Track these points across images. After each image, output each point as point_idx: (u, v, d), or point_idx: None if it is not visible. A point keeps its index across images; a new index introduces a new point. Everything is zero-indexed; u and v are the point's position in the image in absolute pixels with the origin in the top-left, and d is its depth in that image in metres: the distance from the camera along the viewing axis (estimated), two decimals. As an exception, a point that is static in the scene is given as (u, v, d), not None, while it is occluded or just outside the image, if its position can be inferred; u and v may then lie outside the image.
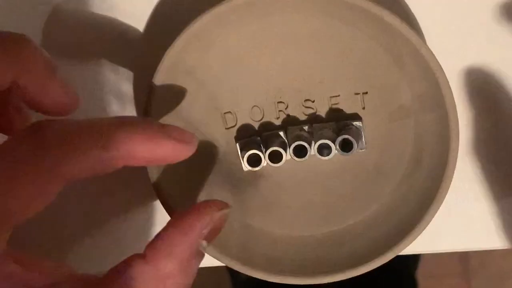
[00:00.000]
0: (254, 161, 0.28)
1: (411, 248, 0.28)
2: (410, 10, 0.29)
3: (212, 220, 0.24)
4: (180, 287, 0.23)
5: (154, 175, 0.27)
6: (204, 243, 0.24)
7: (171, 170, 0.28)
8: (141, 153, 0.22)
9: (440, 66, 0.26)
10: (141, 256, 0.22)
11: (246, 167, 0.29)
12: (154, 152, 0.23)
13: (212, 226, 0.24)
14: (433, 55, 0.26)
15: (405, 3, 0.29)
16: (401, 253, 0.28)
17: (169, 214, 0.28)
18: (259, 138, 0.29)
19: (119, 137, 0.22)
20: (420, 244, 0.28)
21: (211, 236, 0.24)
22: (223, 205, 0.24)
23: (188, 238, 0.23)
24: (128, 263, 0.22)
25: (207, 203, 0.24)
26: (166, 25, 0.30)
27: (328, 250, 0.30)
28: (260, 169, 0.29)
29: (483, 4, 0.29)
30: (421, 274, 0.74)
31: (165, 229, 0.23)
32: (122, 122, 0.22)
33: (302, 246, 0.30)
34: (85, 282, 0.22)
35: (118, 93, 0.31)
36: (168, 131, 0.23)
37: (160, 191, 0.28)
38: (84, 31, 0.30)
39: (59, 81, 0.24)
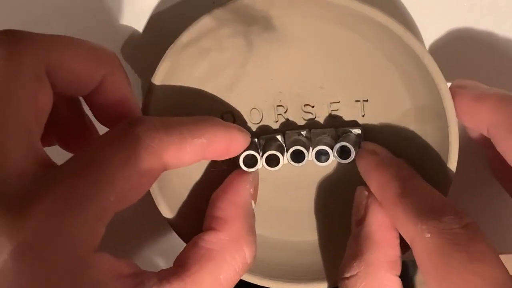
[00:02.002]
0: (250, 162, 0.28)
1: (410, 253, 0.28)
2: (410, 16, 0.29)
3: (253, 178, 0.27)
4: (253, 244, 0.25)
5: None
6: (253, 202, 0.27)
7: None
8: (220, 142, 0.25)
9: (442, 76, 0.25)
10: (208, 229, 0.25)
11: (241, 168, 0.28)
12: (229, 141, 0.25)
13: (254, 185, 0.27)
14: (436, 65, 0.25)
15: (405, 8, 0.29)
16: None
17: (162, 212, 0.28)
18: (256, 140, 0.29)
19: (205, 127, 0.24)
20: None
21: (255, 195, 0.27)
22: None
23: (243, 197, 0.26)
24: (200, 238, 0.24)
25: (239, 170, 0.28)
26: (166, 26, 0.30)
27: (324, 256, 0.29)
28: (257, 171, 0.29)
29: (483, 11, 0.29)
30: (419, 280, 0.73)
31: (216, 199, 0.26)
32: (201, 117, 0.25)
33: (296, 251, 0.30)
34: (162, 270, 0.23)
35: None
36: (233, 125, 0.26)
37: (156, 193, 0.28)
38: (83, 31, 0.30)
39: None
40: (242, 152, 0.28)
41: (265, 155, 0.28)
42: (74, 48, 0.24)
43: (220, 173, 0.29)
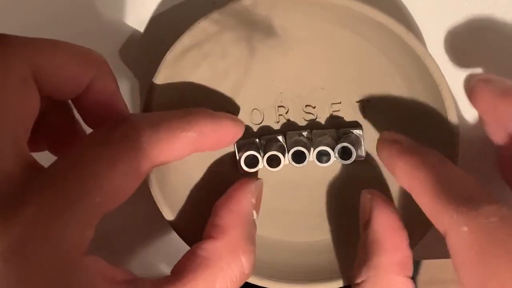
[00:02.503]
0: (251, 162, 0.28)
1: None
2: (411, 16, 0.29)
3: (255, 187, 0.27)
4: (251, 254, 0.25)
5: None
6: (255, 213, 0.26)
7: (170, 170, 0.28)
8: (210, 133, 0.25)
9: (444, 77, 0.25)
10: (207, 237, 0.24)
11: (243, 168, 0.28)
12: (219, 131, 0.25)
13: (256, 194, 0.27)
14: (437, 66, 0.25)
15: (406, 8, 0.29)
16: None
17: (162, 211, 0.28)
18: (257, 140, 0.29)
19: (194, 119, 0.24)
20: (420, 250, 0.28)
21: (257, 205, 0.27)
22: (255, 178, 0.27)
23: (243, 206, 0.26)
24: (198, 246, 0.24)
25: (243, 179, 0.27)
26: (167, 27, 0.30)
27: (323, 258, 0.29)
28: (257, 172, 0.29)
29: (484, 12, 0.29)
30: (422, 280, 0.73)
31: (218, 207, 0.26)
32: (190, 109, 0.25)
33: (297, 252, 0.30)
34: (158, 279, 0.23)
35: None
36: (224, 114, 0.26)
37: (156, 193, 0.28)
38: (85, 33, 0.30)
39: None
40: (243, 153, 0.28)
41: (266, 155, 0.28)
42: (61, 51, 0.24)
43: (222, 174, 0.29)
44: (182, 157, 0.24)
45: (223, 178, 0.29)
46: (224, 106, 0.29)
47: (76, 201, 0.20)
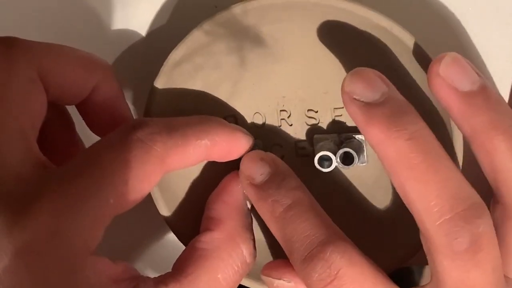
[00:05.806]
0: None
1: (414, 259, 0.28)
2: (414, 18, 0.29)
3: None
4: (250, 242, 0.25)
5: None
6: (248, 203, 0.26)
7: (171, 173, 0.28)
8: (223, 143, 0.25)
9: None
10: (204, 230, 0.25)
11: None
12: (232, 142, 0.25)
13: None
14: None
15: (408, 10, 0.29)
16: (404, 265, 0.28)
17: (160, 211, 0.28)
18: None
19: (209, 128, 0.24)
20: (424, 256, 0.28)
21: None
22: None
23: (236, 197, 0.26)
24: (196, 240, 0.24)
25: (232, 172, 0.27)
26: (169, 29, 0.30)
27: None
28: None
29: (487, 17, 0.29)
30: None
31: (211, 201, 0.26)
32: (205, 117, 0.25)
33: None
34: (160, 275, 0.23)
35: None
36: (236, 127, 0.26)
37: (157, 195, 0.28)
38: (86, 34, 0.30)
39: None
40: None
41: None
42: (66, 56, 0.24)
43: (223, 176, 0.29)
44: (192, 164, 0.24)
45: None
46: (225, 109, 0.29)
47: (90, 200, 0.21)
